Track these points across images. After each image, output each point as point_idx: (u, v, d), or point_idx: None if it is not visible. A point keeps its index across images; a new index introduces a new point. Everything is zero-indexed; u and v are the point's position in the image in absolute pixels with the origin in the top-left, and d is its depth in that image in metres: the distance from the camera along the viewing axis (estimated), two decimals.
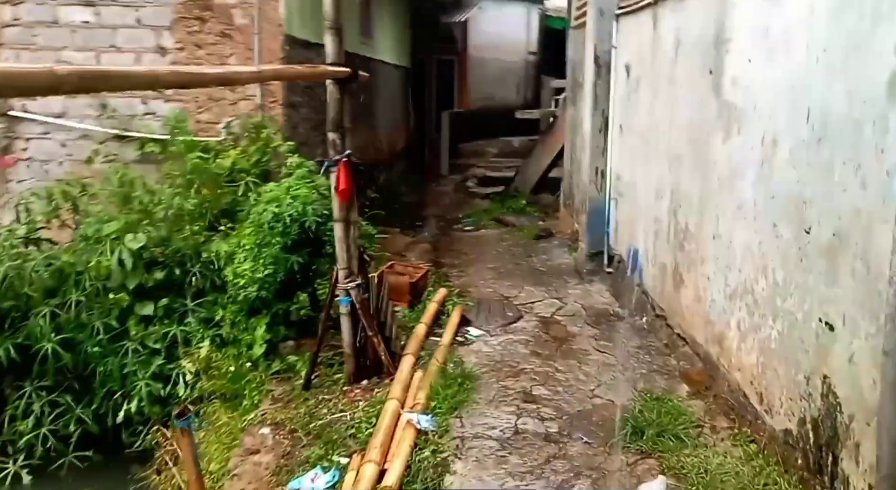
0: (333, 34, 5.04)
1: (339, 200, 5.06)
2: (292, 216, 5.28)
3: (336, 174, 4.99)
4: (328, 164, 5.05)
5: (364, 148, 11.61)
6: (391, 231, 10.51)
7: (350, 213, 5.18)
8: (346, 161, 5.01)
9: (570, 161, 9.94)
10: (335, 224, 5.08)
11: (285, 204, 5.32)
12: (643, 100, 6.46)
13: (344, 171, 4.98)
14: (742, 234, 4.28)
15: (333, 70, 4.94)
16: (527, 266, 8.65)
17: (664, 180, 5.82)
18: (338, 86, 5.07)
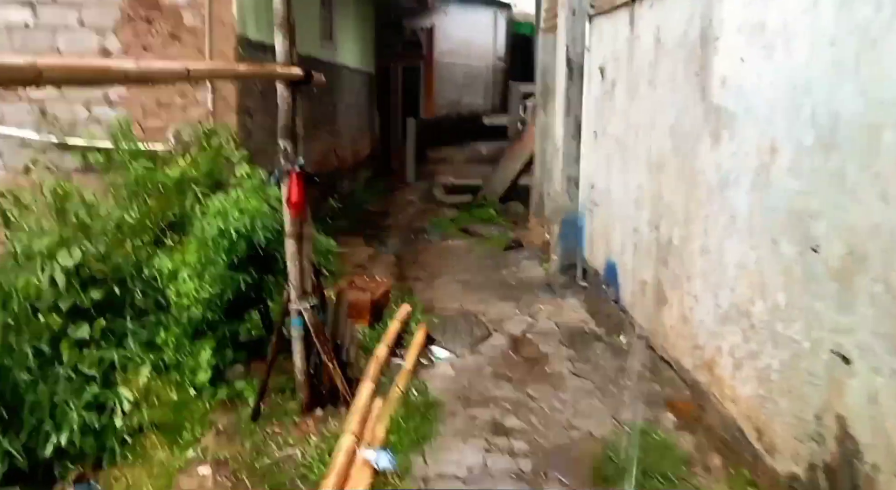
0: (284, 33, 4.57)
1: (290, 214, 4.57)
2: (239, 231, 4.78)
3: (287, 185, 4.51)
4: (279, 174, 4.57)
5: (325, 155, 11.13)
6: (354, 242, 10.04)
7: (303, 227, 4.70)
8: (298, 171, 4.53)
9: (541, 169, 9.54)
10: (287, 239, 4.59)
11: (231, 218, 4.81)
12: (619, 104, 6.07)
13: (296, 183, 4.50)
14: (735, 249, 3.88)
15: (282, 71, 4.46)
16: (496, 279, 8.21)
17: (644, 189, 5.43)
18: (289, 89, 4.59)
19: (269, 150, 8.23)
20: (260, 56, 7.77)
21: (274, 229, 4.99)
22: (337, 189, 12.17)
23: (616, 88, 6.17)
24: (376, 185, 15.19)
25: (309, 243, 4.77)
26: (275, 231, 4.99)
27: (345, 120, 12.90)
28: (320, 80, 5.11)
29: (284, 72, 4.45)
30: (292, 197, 4.49)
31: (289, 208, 4.54)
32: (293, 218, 4.57)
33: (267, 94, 8.11)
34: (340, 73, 12.40)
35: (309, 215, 4.81)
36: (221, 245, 4.78)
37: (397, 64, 19.41)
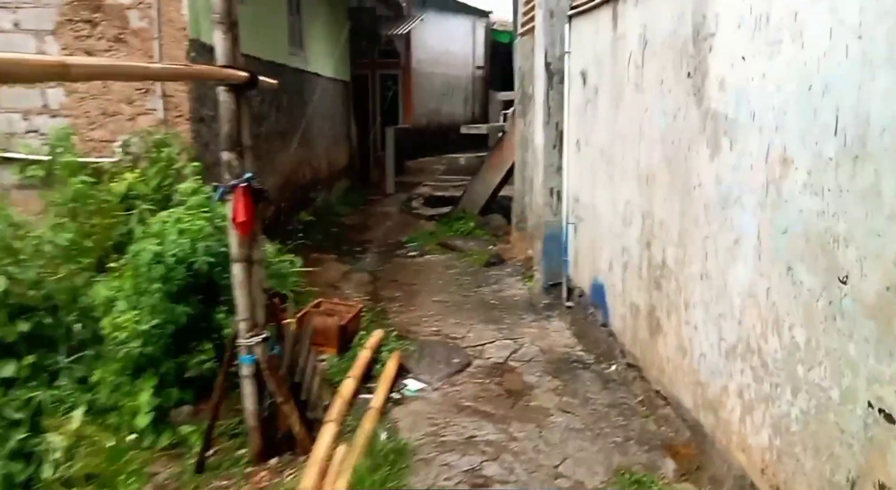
0: (225, 30, 4.04)
1: (237, 235, 4.04)
2: (177, 256, 4.23)
3: (233, 203, 3.97)
4: (222, 190, 4.03)
5: (297, 167, 10.60)
6: (326, 259, 9.50)
7: (253, 250, 4.16)
8: (245, 187, 3.99)
9: (522, 180, 9.05)
10: (233, 264, 4.05)
11: (169, 241, 4.26)
12: (603, 111, 5.59)
13: (243, 200, 3.96)
14: (742, 276, 3.39)
15: (222, 72, 3.93)
16: (476, 298, 7.70)
17: (633, 204, 4.94)
18: (233, 94, 4.05)
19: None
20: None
21: (219, 253, 4.45)
22: (311, 202, 11.64)
23: (599, 94, 5.69)
24: (353, 197, 14.66)
25: (260, 268, 4.23)
26: (220, 255, 4.45)
27: (319, 130, 12.38)
28: (269, 83, 4.59)
29: (224, 74, 3.91)
30: (238, 216, 3.95)
31: (235, 228, 4.01)
32: (240, 239, 4.03)
33: None
34: (312, 80, 11.88)
35: (260, 236, 4.27)
36: (156, 272, 4.23)
37: (375, 72, 18.95)
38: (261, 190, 4.10)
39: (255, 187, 4.03)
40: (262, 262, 4.26)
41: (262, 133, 8.95)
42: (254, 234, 4.14)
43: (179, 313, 4.31)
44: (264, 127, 9.05)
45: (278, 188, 9.66)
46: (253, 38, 8.40)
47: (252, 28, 8.39)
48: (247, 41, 8.29)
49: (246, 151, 4.10)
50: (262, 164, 8.77)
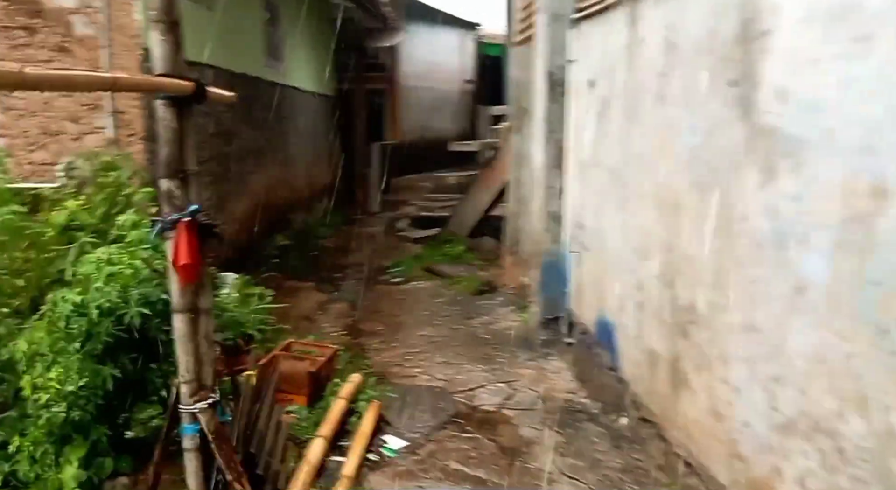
0: (164, 31, 3.30)
1: (179, 281, 3.28)
2: (102, 308, 3.46)
3: (173, 242, 3.22)
4: (161, 226, 3.28)
5: (274, 187, 9.85)
6: (302, 287, 8.76)
7: (199, 297, 3.41)
8: (189, 222, 3.24)
9: (516, 201, 8.35)
10: (174, 316, 3.29)
11: (93, 289, 3.50)
12: (615, 126, 4.90)
13: (186, 238, 3.21)
14: (806, 334, 2.68)
15: (157, 82, 3.19)
16: (466, 332, 6.96)
17: (651, 235, 4.23)
18: (174, 108, 3.30)
19: None
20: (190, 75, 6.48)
21: (161, 301, 3.69)
22: (288, 224, 10.89)
23: (610, 107, 5.00)
24: (335, 218, 13.91)
25: (208, 318, 3.48)
26: (162, 303, 3.69)
27: (298, 147, 11.66)
28: (223, 96, 3.86)
29: (161, 84, 3.18)
30: (179, 257, 3.19)
31: (176, 272, 3.26)
32: (183, 286, 3.28)
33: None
34: (291, 95, 11.17)
35: (208, 280, 3.52)
36: (77, 328, 3.46)
37: (360, 87, 18.26)
38: (210, 225, 3.35)
39: (203, 222, 3.29)
40: (211, 311, 3.50)
41: (232, 152, 8.22)
42: (200, 278, 3.39)
43: (105, 376, 3.54)
44: (234, 145, 8.32)
45: (250, 211, 8.91)
46: (222, 49, 7.70)
47: (221, 37, 7.70)
48: (215, 51, 7.60)
49: (191, 178, 3.35)
50: (232, 185, 8.05)
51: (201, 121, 7.18)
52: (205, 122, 7.28)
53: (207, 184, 7.34)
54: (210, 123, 7.43)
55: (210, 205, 7.41)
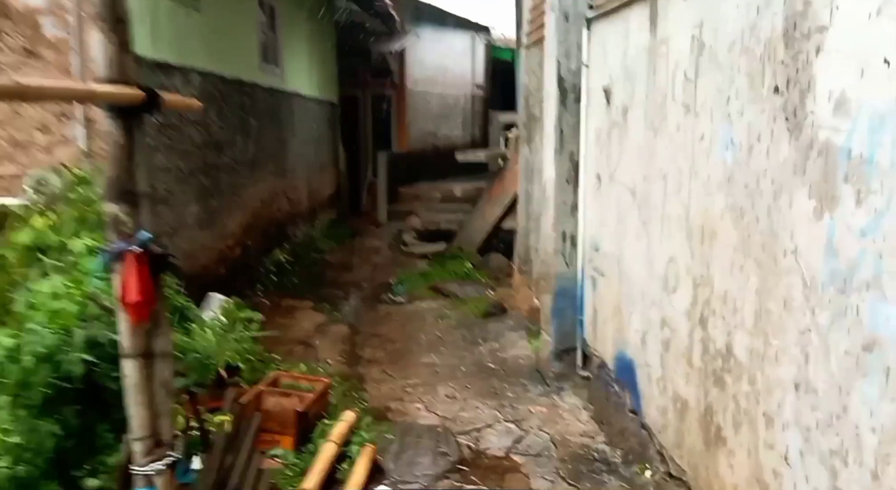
0: (108, 29, 2.78)
1: (129, 320, 2.77)
2: (37, 354, 2.96)
3: (121, 276, 2.71)
4: (108, 256, 2.75)
5: (270, 199, 9.37)
6: (300, 306, 8.26)
7: (155, 339, 2.89)
8: (139, 252, 2.72)
9: (526, 216, 7.82)
10: (124, 362, 2.78)
11: (27, 329, 2.99)
12: (635, 138, 4.36)
13: (136, 272, 2.69)
14: (877, 402, 2.13)
15: (96, 90, 2.68)
16: (472, 360, 6.43)
17: (679, 264, 3.69)
18: (120, 121, 2.79)
19: (174, 202, 6.47)
20: (158, 78, 6.03)
21: (111, 343, 3.18)
22: (287, 238, 10.40)
23: (629, 117, 4.47)
24: (339, 230, 13.44)
25: (167, 363, 2.96)
26: (112, 346, 3.18)
27: (299, 156, 11.18)
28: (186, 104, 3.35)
29: (101, 92, 2.66)
30: (128, 294, 2.68)
31: (126, 310, 2.74)
32: (133, 326, 2.76)
33: (172, 128, 6.38)
34: (291, 101, 10.70)
35: (165, 318, 3.00)
36: (9, 376, 2.95)
37: (366, 92, 17.81)
38: (164, 256, 2.83)
39: (156, 252, 2.77)
40: (170, 355, 2.98)
41: (224, 163, 7.74)
42: (156, 317, 2.88)
43: (44, 434, 3.03)
44: (227, 156, 7.84)
45: (244, 225, 8.43)
46: (211, 52, 7.23)
47: (210, 40, 7.23)
48: (202, 55, 7.12)
49: (143, 201, 2.83)
50: (223, 198, 7.57)
51: (188, 130, 6.71)
52: (192, 133, 6.80)
53: (194, 198, 6.87)
54: (197, 133, 6.95)
55: (197, 220, 6.94)
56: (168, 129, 6.24)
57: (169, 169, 6.29)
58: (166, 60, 6.19)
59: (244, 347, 5.38)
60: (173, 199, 6.38)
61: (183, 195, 6.60)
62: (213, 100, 7.38)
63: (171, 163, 6.34)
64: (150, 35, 5.91)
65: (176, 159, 6.45)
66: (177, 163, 6.47)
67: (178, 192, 6.50)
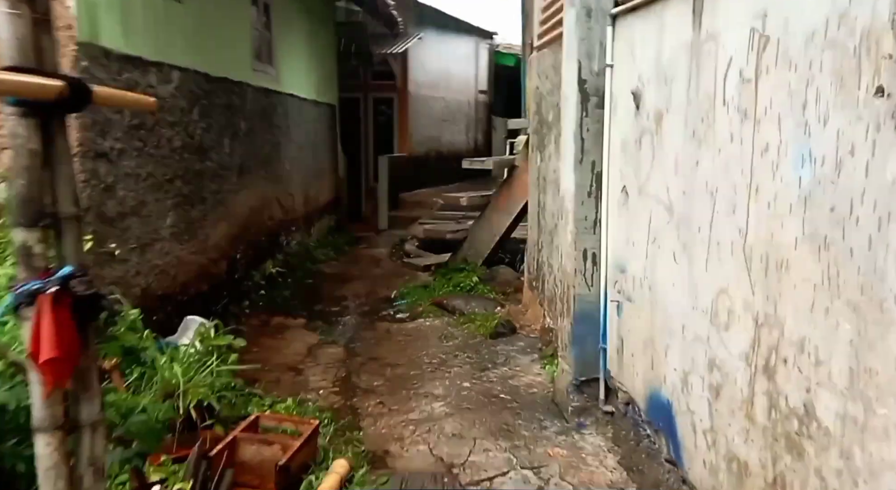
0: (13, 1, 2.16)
1: (44, 383, 2.15)
2: None
3: (32, 324, 2.11)
4: (15, 297, 2.15)
5: (260, 208, 8.80)
6: (291, 324, 7.71)
7: (80, 407, 2.29)
8: (56, 293, 2.12)
9: (538, 229, 7.24)
10: (36, 437, 2.18)
11: None
12: (673, 148, 3.78)
13: (50, 319, 2.08)
14: None
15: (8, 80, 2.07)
16: (481, 390, 5.83)
17: (734, 299, 3.11)
18: (33, 120, 2.16)
19: (147, 218, 5.88)
20: (134, 77, 5.48)
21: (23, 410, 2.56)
22: (281, 248, 9.82)
23: (664, 124, 3.89)
24: (338, 238, 12.88)
25: (97, 436, 2.35)
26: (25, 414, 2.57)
27: (294, 160, 10.61)
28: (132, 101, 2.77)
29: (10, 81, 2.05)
30: (41, 349, 2.08)
31: (37, 369, 2.13)
32: (48, 391, 2.16)
33: (145, 128, 5.81)
34: (286, 103, 10.13)
35: (94, 377, 2.40)
36: None
37: (367, 95, 17.27)
38: (94, 297, 2.24)
39: (81, 294, 2.18)
40: (101, 425, 2.38)
41: (207, 168, 7.17)
42: (81, 377, 2.27)
43: None
44: (212, 160, 7.27)
45: (231, 236, 7.85)
46: (195, 48, 6.68)
47: (194, 35, 6.67)
48: (184, 51, 6.53)
49: (67, 226, 2.25)
50: (206, 207, 7.00)
51: (165, 133, 6.14)
52: (169, 135, 6.22)
53: (171, 207, 6.29)
54: (176, 136, 6.37)
55: (174, 232, 6.35)
56: (139, 130, 5.67)
57: (140, 176, 5.71)
58: (140, 55, 5.62)
59: (221, 382, 4.81)
60: (146, 209, 5.81)
61: (157, 205, 6.02)
62: (195, 99, 6.81)
63: (143, 169, 5.75)
64: (121, 26, 5.34)
65: (149, 165, 5.87)
66: (150, 169, 5.89)
67: (152, 201, 5.92)
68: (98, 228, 5.09)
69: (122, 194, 5.44)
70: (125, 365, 3.88)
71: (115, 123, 5.31)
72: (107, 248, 5.26)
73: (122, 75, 5.40)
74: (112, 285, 5.23)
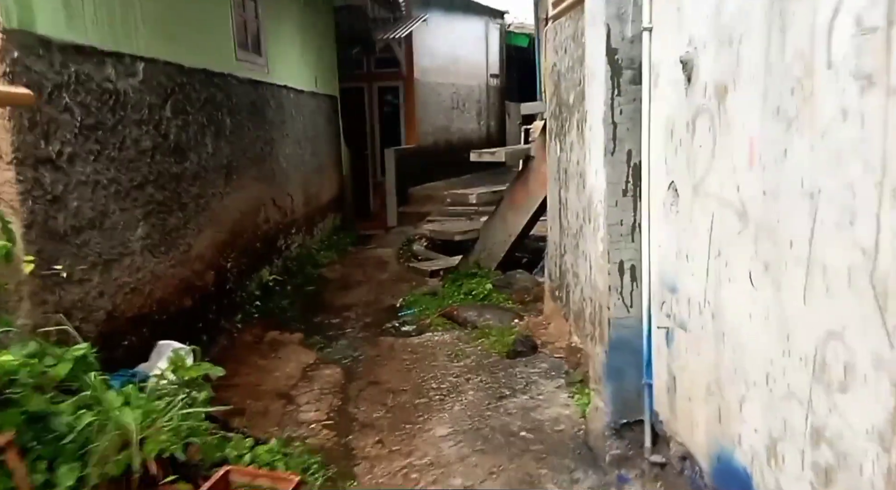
0: None
1: None
2: None
3: None
4: None
5: (253, 211, 7.92)
6: (286, 340, 6.89)
7: None
8: None
9: (559, 230, 6.29)
10: None
11: None
12: (744, 132, 2.81)
13: None
14: None
15: None
16: (498, 425, 4.91)
17: (855, 347, 2.16)
18: None
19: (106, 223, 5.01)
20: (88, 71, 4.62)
21: None
22: (278, 253, 8.95)
23: (730, 100, 2.92)
24: (342, 238, 12.00)
25: None
26: None
27: (290, 158, 9.72)
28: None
29: None
30: None
31: None
32: None
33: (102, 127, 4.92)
34: (278, 95, 9.23)
35: None
36: None
37: (371, 84, 16.34)
38: None
39: None
40: None
41: (187, 171, 6.30)
42: None
43: None
44: (191, 161, 6.38)
45: (219, 244, 6.97)
46: (163, 36, 5.80)
47: (161, 21, 5.79)
48: (151, 40, 5.61)
49: None
50: (187, 214, 6.13)
51: (130, 132, 5.26)
52: (135, 135, 5.34)
53: (142, 216, 5.43)
54: (145, 136, 5.49)
55: (147, 244, 5.49)
56: (95, 131, 4.78)
57: (100, 183, 4.83)
58: (92, 44, 4.73)
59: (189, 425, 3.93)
60: (109, 220, 4.93)
61: (124, 214, 5.14)
62: (167, 94, 5.92)
63: (102, 175, 4.87)
64: (64, 9, 4.45)
65: (111, 170, 4.98)
66: (113, 174, 5.00)
67: (117, 211, 5.05)
68: (44, 247, 4.25)
69: (77, 205, 4.56)
70: (29, 436, 2.99)
71: (63, 124, 4.43)
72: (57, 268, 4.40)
73: (67, 68, 4.52)
74: (60, 313, 4.37)
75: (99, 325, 4.67)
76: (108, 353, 4.41)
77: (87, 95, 4.67)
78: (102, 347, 4.24)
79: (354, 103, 15.55)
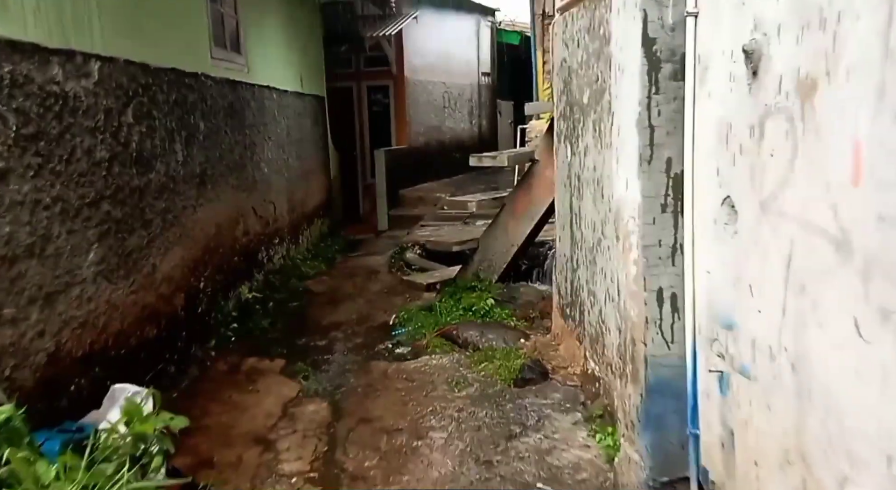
0: None
1: None
2: None
3: None
4: None
5: (231, 223, 7.24)
6: (266, 369, 6.24)
7: None
8: None
9: (571, 242, 5.66)
10: None
11: None
12: (843, 138, 2.18)
13: None
14: None
15: None
16: (508, 473, 4.27)
17: None
18: None
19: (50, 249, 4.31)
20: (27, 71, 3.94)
21: None
22: (259, 266, 8.28)
23: (819, 98, 2.29)
24: (331, 246, 11.34)
25: None
26: None
27: (273, 163, 9.05)
28: None
29: None
30: None
31: None
32: None
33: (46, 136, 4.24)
34: (260, 97, 8.56)
35: None
36: None
37: (360, 84, 15.68)
38: None
39: None
40: None
41: (152, 183, 5.63)
42: None
43: None
44: (157, 172, 5.70)
45: (190, 263, 6.30)
46: (126, 33, 5.13)
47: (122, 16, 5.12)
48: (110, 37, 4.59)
49: None
50: (152, 231, 5.45)
51: (81, 141, 4.58)
52: (87, 144, 4.66)
53: (96, 238, 4.75)
54: (100, 145, 4.81)
55: (102, 269, 4.81)
56: (36, 141, 4.09)
57: (41, 202, 4.14)
58: (32, 40, 4.05)
59: None
60: (52, 245, 4.24)
61: (72, 237, 4.46)
62: (129, 97, 5.25)
63: (44, 193, 4.19)
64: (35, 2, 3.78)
65: (56, 186, 4.30)
66: (58, 191, 4.32)
67: (63, 234, 4.36)
68: None
69: (9, 231, 3.87)
70: None
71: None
72: None
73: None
74: None
75: (38, 370, 3.96)
76: (49, 402, 3.75)
77: (26, 100, 3.99)
78: (42, 397, 3.59)
79: (343, 103, 14.90)
